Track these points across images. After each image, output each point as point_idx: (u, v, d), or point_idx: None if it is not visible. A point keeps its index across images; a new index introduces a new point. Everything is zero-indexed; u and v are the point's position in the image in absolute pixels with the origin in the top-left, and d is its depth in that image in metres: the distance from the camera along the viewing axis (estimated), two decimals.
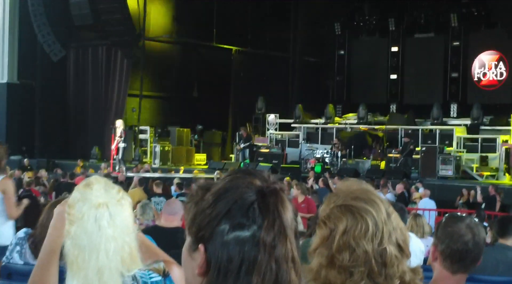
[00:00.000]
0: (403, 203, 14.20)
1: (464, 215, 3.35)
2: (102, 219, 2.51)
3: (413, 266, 2.07)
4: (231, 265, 1.43)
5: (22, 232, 5.27)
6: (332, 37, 34.67)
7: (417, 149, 24.59)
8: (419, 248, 6.78)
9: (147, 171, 24.18)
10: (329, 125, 29.48)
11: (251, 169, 1.58)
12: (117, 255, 2.50)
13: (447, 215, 3.38)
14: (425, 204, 16.86)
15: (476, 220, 3.29)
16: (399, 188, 18.46)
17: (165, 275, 2.58)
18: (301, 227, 9.96)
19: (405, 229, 2.09)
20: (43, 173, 20.77)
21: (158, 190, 15.01)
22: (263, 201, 1.46)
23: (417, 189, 18.78)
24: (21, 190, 15.69)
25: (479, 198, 18.29)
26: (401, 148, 25.23)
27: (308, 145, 27.75)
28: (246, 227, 1.44)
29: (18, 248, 5.14)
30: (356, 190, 2.08)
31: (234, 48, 33.04)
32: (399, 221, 2.07)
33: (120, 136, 24.11)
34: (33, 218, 5.37)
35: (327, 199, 2.10)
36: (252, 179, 1.51)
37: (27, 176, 19.36)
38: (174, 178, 19.50)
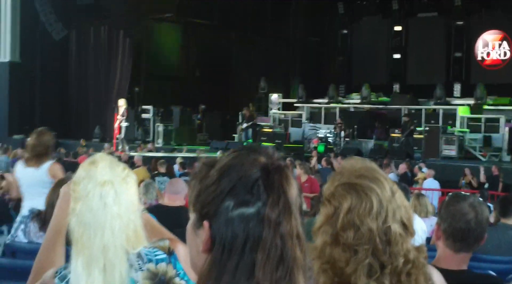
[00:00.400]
0: (406, 183, 14.20)
1: (468, 194, 3.34)
2: (108, 196, 2.52)
3: (418, 245, 2.08)
4: (235, 242, 1.43)
5: (26, 211, 5.29)
6: (335, 17, 34.52)
7: (418, 128, 24.56)
8: (421, 227, 6.80)
9: (150, 151, 24.20)
10: (332, 105, 29.43)
11: (256, 146, 1.58)
12: (122, 233, 2.51)
13: (450, 194, 3.38)
14: (429, 184, 16.86)
15: (481, 199, 3.29)
16: (402, 168, 18.45)
17: (170, 253, 2.58)
18: (304, 206, 9.96)
19: (409, 207, 2.09)
20: None
21: (161, 169, 15.03)
22: (267, 178, 1.46)
23: (420, 169, 18.75)
24: None
25: (482, 178, 18.29)
26: (401, 127, 25.23)
27: (311, 124, 27.74)
28: (251, 203, 1.44)
29: (22, 226, 5.16)
30: (360, 168, 2.08)
31: (235, 27, 32.89)
32: (403, 199, 2.07)
33: (122, 116, 24.09)
34: None
35: (332, 177, 2.11)
36: (257, 156, 1.51)
37: None
38: (177, 157, 19.50)
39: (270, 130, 27.64)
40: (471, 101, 26.52)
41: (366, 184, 2.02)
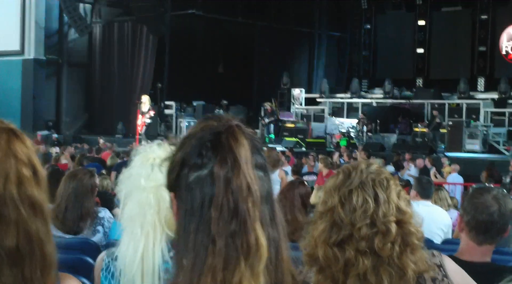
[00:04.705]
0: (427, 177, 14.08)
1: (492, 186, 3.32)
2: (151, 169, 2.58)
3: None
4: (194, 204, 1.49)
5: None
6: (358, 11, 34.41)
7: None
8: (441, 218, 6.66)
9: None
10: (355, 100, 29.37)
11: (213, 114, 1.65)
12: (158, 208, 2.55)
13: (474, 186, 3.36)
14: (454, 179, 16.78)
15: (505, 191, 3.26)
16: (420, 162, 18.32)
17: None
18: None
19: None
20: (70, 148, 20.94)
21: None
22: (216, 139, 1.51)
23: (450, 164, 18.57)
24: (47, 165, 15.85)
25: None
26: (427, 122, 25.08)
27: (333, 119, 27.68)
28: (203, 166, 1.49)
29: None
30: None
31: (258, 23, 32.87)
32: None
33: (149, 111, 24.21)
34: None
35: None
36: (210, 121, 1.56)
37: (54, 151, 19.54)
38: None
39: (293, 125, 27.61)
40: (495, 96, 26.34)
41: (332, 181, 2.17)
